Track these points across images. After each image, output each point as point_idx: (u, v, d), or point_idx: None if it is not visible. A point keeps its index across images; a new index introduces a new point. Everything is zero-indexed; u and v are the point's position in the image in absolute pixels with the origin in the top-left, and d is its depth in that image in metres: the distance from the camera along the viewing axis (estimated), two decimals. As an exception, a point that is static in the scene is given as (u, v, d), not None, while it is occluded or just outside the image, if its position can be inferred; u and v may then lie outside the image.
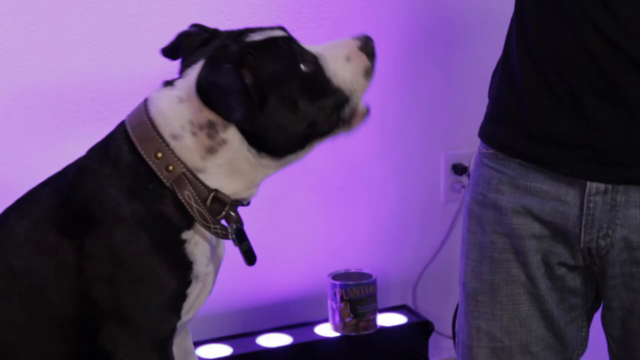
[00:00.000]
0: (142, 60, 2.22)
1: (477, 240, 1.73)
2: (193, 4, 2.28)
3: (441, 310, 2.62)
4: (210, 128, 1.45)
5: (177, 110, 1.45)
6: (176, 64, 1.52)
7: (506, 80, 1.68)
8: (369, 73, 1.53)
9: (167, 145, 1.45)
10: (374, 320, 2.41)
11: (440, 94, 2.54)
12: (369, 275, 2.40)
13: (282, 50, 1.47)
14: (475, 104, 1.82)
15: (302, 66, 1.47)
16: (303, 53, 1.49)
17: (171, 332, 1.49)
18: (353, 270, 2.43)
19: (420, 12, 2.48)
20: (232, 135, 1.45)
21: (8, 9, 2.13)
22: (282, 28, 1.52)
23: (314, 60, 1.49)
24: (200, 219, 1.45)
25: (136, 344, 1.45)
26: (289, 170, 2.42)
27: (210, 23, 1.55)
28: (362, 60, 1.53)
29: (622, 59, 1.54)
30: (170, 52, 1.54)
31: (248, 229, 1.52)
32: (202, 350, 2.37)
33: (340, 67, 1.51)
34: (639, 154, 1.58)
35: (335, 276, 2.40)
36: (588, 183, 1.61)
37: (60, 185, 1.49)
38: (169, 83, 1.49)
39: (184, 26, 1.53)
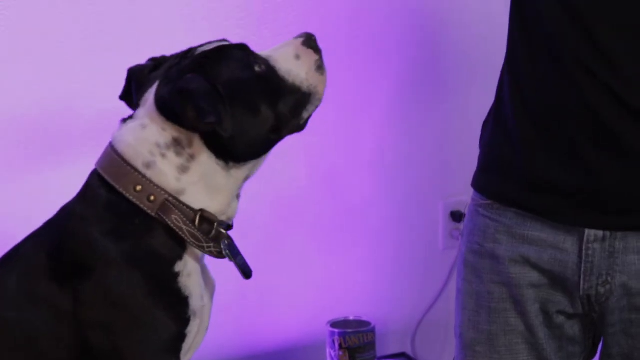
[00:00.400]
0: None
1: (473, 290, 1.72)
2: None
3: (440, 358, 2.60)
4: (176, 145, 1.46)
5: (142, 137, 1.46)
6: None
7: (499, 129, 1.68)
8: (320, 67, 1.55)
9: (144, 176, 1.45)
10: (373, 368, 2.39)
11: (438, 142, 2.54)
12: (367, 323, 2.39)
13: (235, 55, 1.49)
14: (473, 151, 1.81)
15: (256, 67, 1.48)
16: (255, 56, 1.50)
17: (169, 377, 1.48)
18: (352, 317, 2.42)
19: (416, 58, 2.49)
20: (199, 149, 1.46)
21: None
22: (225, 40, 1.54)
23: (265, 62, 1.50)
24: (193, 240, 1.45)
25: None
26: (286, 217, 2.44)
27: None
28: (311, 55, 1.54)
29: (615, 103, 1.54)
30: (127, 94, 1.54)
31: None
32: (199, 400, 2.35)
33: (292, 65, 1.53)
34: (635, 200, 1.58)
35: (334, 324, 2.39)
36: (586, 230, 1.61)
37: (47, 236, 1.49)
38: (128, 118, 1.50)
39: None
